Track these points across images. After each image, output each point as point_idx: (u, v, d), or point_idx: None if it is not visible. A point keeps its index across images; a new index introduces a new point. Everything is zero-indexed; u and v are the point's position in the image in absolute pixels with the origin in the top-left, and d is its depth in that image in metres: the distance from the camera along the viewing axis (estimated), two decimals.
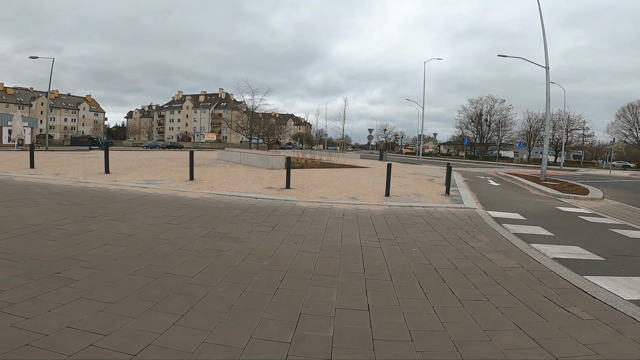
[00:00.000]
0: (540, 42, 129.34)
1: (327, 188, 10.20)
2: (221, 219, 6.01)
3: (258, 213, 6.61)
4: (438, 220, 6.92)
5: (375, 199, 8.85)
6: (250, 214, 6.53)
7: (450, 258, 4.61)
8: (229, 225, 5.61)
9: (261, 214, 6.53)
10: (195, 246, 4.46)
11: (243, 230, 5.37)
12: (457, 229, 6.34)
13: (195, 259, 3.99)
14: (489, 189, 13.34)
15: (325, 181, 11.85)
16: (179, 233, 4.99)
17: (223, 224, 5.67)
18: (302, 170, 15.32)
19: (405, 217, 7.01)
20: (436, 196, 10.03)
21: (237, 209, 6.90)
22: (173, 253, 4.16)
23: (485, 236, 5.96)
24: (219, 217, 6.09)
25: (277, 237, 5.11)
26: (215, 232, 5.15)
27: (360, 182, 12.10)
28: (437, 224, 6.64)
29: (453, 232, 6.07)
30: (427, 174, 18.52)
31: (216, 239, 4.81)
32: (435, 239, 5.56)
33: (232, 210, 6.75)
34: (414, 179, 15.01)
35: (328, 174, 14.34)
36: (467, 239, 5.65)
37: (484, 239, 5.76)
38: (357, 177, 14.08)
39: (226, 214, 6.35)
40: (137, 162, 16.55)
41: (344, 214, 7.01)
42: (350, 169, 18.34)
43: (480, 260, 4.59)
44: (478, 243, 5.47)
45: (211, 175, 11.94)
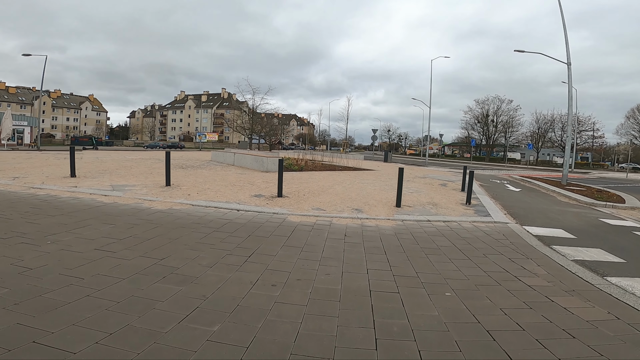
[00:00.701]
0: (546, 42, 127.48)
1: (326, 196, 8.64)
2: (181, 242, 4.47)
3: (234, 233, 5.07)
4: (467, 242, 5.35)
5: (385, 210, 7.28)
6: (224, 234, 4.99)
7: (504, 309, 3.06)
8: (187, 253, 4.07)
9: (238, 235, 4.99)
10: (115, 292, 2.92)
11: (204, 261, 3.83)
12: (496, 254, 4.78)
13: (97, 321, 2.44)
14: (512, 196, 11.73)
15: (325, 187, 10.29)
16: (104, 267, 3.46)
17: (179, 251, 4.13)
18: (300, 174, 13.78)
19: (424, 238, 5.45)
20: (455, 206, 8.45)
21: (209, 226, 5.36)
22: (68, 306, 2.62)
23: (538, 266, 4.40)
24: (178, 240, 4.55)
25: (250, 274, 3.57)
26: (161, 266, 3.61)
27: (366, 188, 10.53)
28: (467, 247, 5.07)
29: (493, 260, 4.50)
30: (438, 177, 16.92)
31: (155, 279, 3.27)
32: (473, 273, 4.00)
33: (202, 228, 5.22)
34: (425, 183, 13.42)
35: (329, 178, 12.78)
36: (517, 272, 4.08)
37: (539, 271, 4.20)
38: (361, 181, 12.52)
39: (190, 235, 4.81)
40: (120, 164, 15.08)
41: (346, 233, 5.46)
42: (353, 171, 16.77)
43: (552, 311, 3.04)
44: (534, 279, 3.91)
45: (194, 180, 10.42)
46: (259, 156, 14.20)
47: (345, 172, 15.71)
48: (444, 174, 20.20)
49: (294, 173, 13.81)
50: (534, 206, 9.70)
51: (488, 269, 4.19)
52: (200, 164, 16.68)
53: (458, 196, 10.19)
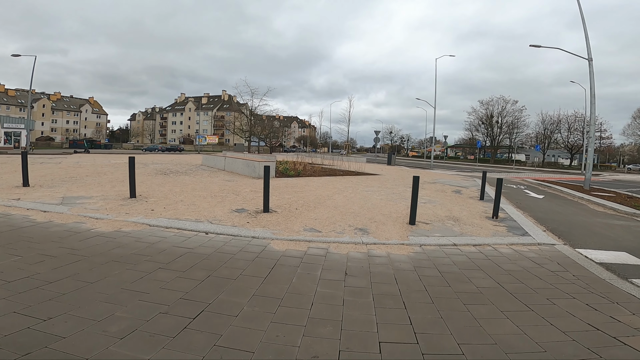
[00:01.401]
0: (547, 42, 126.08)
1: (324, 210, 7.13)
2: (97, 288, 2.98)
3: (187, 272, 3.58)
4: (517, 278, 3.88)
5: (396, 230, 5.77)
6: (171, 273, 3.50)
7: None
8: (94, 309, 2.58)
9: (191, 275, 3.50)
10: None
11: (113, 328, 2.34)
12: (566, 298, 3.31)
13: None
14: (539, 205, 10.19)
15: (323, 197, 8.79)
16: None
17: (84, 304, 2.64)
18: (296, 180, 12.28)
19: (456, 274, 3.94)
20: (481, 221, 6.93)
21: (155, 260, 3.87)
22: None
23: (633, 314, 2.93)
24: (95, 285, 3.06)
25: (183, 355, 2.08)
26: (30, 334, 2.12)
27: (371, 199, 9.02)
28: (520, 288, 3.58)
29: (565, 309, 3.03)
30: (448, 182, 15.38)
31: None
32: (547, 337, 2.53)
33: (143, 263, 3.73)
34: (436, 190, 11.89)
35: (329, 185, 11.29)
36: (612, 330, 2.62)
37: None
38: (365, 189, 11.01)
39: (120, 275, 3.33)
40: (97, 169, 13.65)
41: (348, 268, 3.97)
42: (356, 176, 15.26)
43: None
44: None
45: (169, 190, 8.93)
46: (251, 160, 12.74)
47: (346, 178, 14.21)
48: (453, 178, 18.66)
49: (289, 179, 12.33)
50: (571, 219, 8.16)
51: (566, 328, 2.71)
52: (187, 170, 15.22)
53: (479, 207, 8.67)
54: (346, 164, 20.10)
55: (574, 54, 18.05)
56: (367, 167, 23.14)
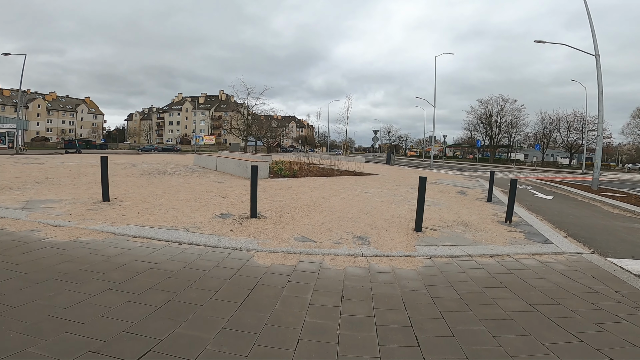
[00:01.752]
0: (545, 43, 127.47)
1: (319, 214, 6.43)
2: (18, 315, 2.27)
3: (142, 294, 2.88)
4: (550, 297, 3.21)
5: (401, 238, 5.07)
6: (124, 296, 2.79)
7: None
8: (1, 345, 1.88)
9: (147, 299, 2.79)
10: None
11: None
12: (616, 322, 2.63)
13: None
14: (550, 207, 9.51)
15: (319, 200, 8.08)
16: None
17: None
18: (291, 181, 11.57)
19: (477, 296, 3.25)
20: (494, 226, 6.24)
21: (109, 278, 3.15)
22: None
23: None
24: (15, 311, 2.35)
25: None
26: None
27: (371, 201, 8.32)
28: (557, 310, 2.89)
29: (622, 336, 2.32)
30: (451, 182, 14.70)
31: None
32: None
33: (93, 282, 3.02)
34: (440, 191, 11.20)
35: (325, 186, 10.59)
36: None
37: None
38: (364, 190, 10.31)
39: (57, 297, 2.61)
40: (79, 170, 12.91)
41: (345, 288, 3.27)
42: (354, 177, 14.56)
43: None
44: None
45: (150, 192, 8.20)
46: (243, 160, 12.01)
47: (344, 178, 13.51)
48: (455, 177, 17.98)
49: (283, 180, 11.61)
50: (588, 222, 7.48)
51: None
52: (177, 170, 14.48)
53: (488, 210, 7.99)
54: (344, 164, 19.42)
55: (580, 50, 17.44)
56: (365, 167, 22.45)
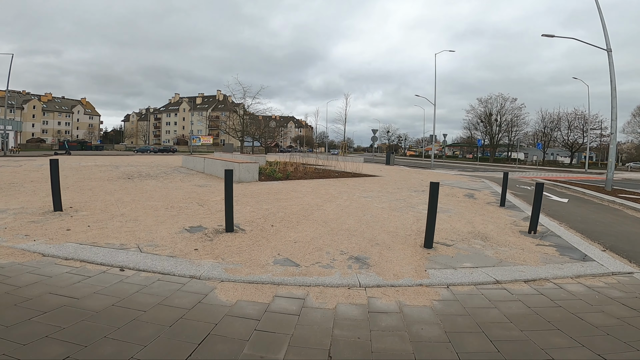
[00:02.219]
0: (542, 41, 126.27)
1: (308, 226, 5.43)
2: None
3: (31, 344, 1.89)
4: (620, 341, 2.25)
5: (408, 258, 4.08)
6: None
7: None
8: None
9: (30, 355, 1.80)
10: None
11: None
12: None
13: None
14: (569, 212, 8.53)
15: (310, 207, 7.09)
16: None
17: None
18: (282, 185, 10.57)
19: (521, 346, 2.26)
20: (516, 238, 5.26)
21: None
22: None
23: None
24: None
25: None
26: None
27: (370, 208, 7.32)
28: None
29: None
30: (456, 184, 13.72)
31: None
32: None
33: None
34: (446, 194, 10.22)
35: (320, 190, 9.59)
36: None
37: None
38: (363, 194, 9.32)
39: None
40: None
41: (333, 340, 2.29)
42: (353, 179, 13.57)
43: None
44: None
45: (118, 198, 7.19)
46: (230, 162, 10.98)
47: (342, 181, 12.51)
48: (459, 178, 17.00)
49: (274, 184, 10.62)
50: (620, 230, 6.50)
51: None
52: (161, 172, 13.45)
53: (504, 217, 7.01)
54: (342, 165, 18.44)
55: (591, 45, 16.47)
56: (364, 167, 21.46)
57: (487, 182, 15.40)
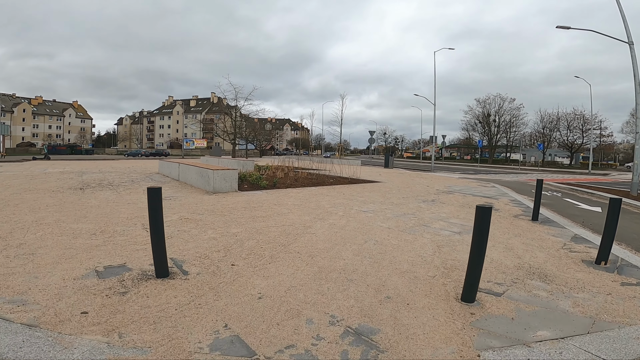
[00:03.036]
0: (536, 41, 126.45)
1: (286, 264, 3.77)
2: None
3: None
4: None
5: (442, 329, 2.44)
6: None
7: None
8: None
9: None
10: None
11: None
12: None
13: None
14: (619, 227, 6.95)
15: (294, 228, 5.43)
16: None
17: None
18: (266, 195, 8.90)
19: None
20: (589, 275, 3.66)
21: None
22: None
23: None
24: None
25: None
26: None
27: (373, 228, 5.65)
28: None
29: None
30: (467, 190, 12.13)
31: None
32: None
33: None
34: (462, 205, 8.60)
35: (310, 203, 7.95)
36: None
37: None
38: (362, 207, 7.68)
39: None
40: (6, 182, 10.19)
41: None
42: (350, 186, 11.94)
43: None
44: None
45: (37, 218, 5.45)
46: (206, 168, 9.26)
47: (337, 189, 10.86)
48: (466, 183, 15.43)
49: (257, 194, 8.95)
50: None
51: None
52: (127, 181, 11.68)
53: (546, 236, 5.40)
54: (338, 168, 16.81)
55: (612, 37, 15.12)
56: (362, 171, 19.86)
57: (500, 187, 13.85)
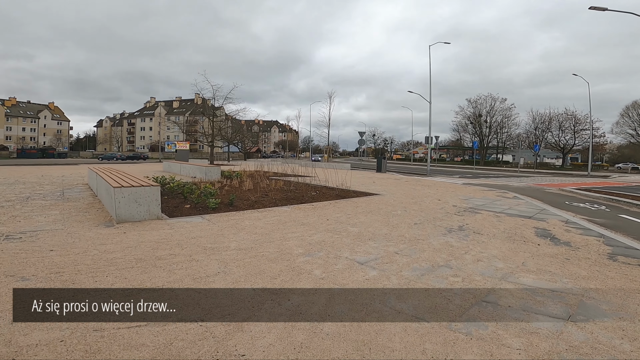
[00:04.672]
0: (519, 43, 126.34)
1: None
2: None
3: None
4: None
5: None
6: None
7: None
8: None
9: None
10: None
11: None
12: None
13: None
14: None
15: (200, 340, 2.38)
16: None
17: None
18: (205, 225, 5.74)
19: None
20: None
21: None
22: None
23: None
24: None
25: None
26: None
27: (383, 314, 2.63)
28: None
29: None
30: (492, 206, 9.21)
31: None
32: None
33: None
34: (509, 237, 5.61)
35: (270, 244, 4.87)
36: None
37: None
38: (356, 251, 4.63)
39: None
40: None
41: None
42: (337, 202, 8.89)
43: None
44: None
45: None
46: (111, 184, 6.06)
47: (319, 209, 7.78)
48: (482, 193, 12.52)
49: (191, 222, 5.81)
50: None
51: None
52: (25, 197, 8.43)
53: None
54: (325, 174, 13.70)
55: None
56: (353, 177, 16.86)
57: (525, 198, 11.02)
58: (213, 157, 36.79)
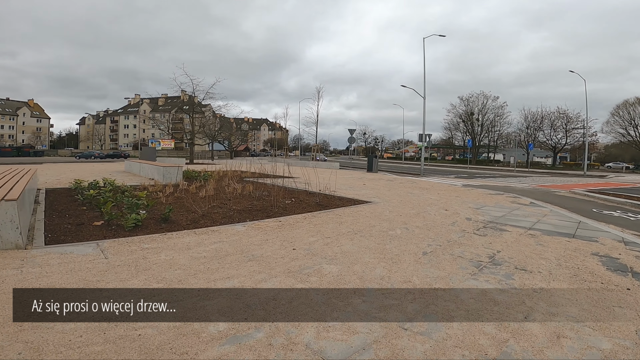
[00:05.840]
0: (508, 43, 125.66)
1: None
2: None
3: None
4: None
5: None
6: None
7: None
8: None
9: None
10: None
11: None
12: None
13: None
14: None
15: None
16: None
17: None
18: (95, 266, 3.73)
19: None
20: None
21: None
22: None
23: None
24: None
25: None
26: None
27: None
28: None
29: None
30: (511, 217, 7.29)
31: None
32: None
33: None
34: (574, 275, 3.66)
35: (194, 306, 2.89)
36: None
37: None
38: (332, 331, 2.65)
39: None
40: None
41: None
42: (316, 214, 6.84)
43: None
44: None
45: None
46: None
47: (288, 226, 5.72)
48: (491, 198, 10.63)
49: (74, 256, 3.76)
50: None
51: None
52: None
53: None
54: (311, 174, 11.62)
55: None
56: (341, 178, 14.83)
57: (547, 205, 9.17)
58: (193, 155, 34.45)
